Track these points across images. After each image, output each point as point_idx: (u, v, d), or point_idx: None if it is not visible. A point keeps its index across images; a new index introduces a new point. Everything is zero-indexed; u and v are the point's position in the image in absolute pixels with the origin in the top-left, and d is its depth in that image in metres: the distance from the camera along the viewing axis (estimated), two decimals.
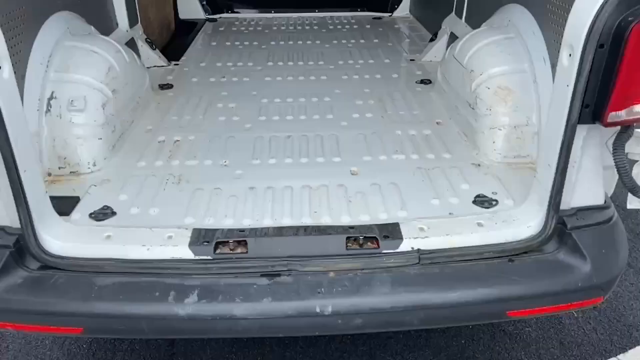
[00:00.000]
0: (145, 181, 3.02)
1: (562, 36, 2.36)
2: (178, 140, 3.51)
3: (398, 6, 6.82)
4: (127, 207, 2.77)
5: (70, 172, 3.04)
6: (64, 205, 2.66)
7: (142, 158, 3.28)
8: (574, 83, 2.23)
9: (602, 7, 2.13)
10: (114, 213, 2.70)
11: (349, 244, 2.47)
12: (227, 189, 2.94)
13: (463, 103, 3.54)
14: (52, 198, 2.51)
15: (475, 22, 4.32)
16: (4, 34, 2.24)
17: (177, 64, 5.04)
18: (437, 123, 3.77)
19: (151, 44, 4.88)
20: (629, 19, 2.09)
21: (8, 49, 2.25)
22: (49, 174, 3.01)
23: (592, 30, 2.14)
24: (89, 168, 3.06)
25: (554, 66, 2.67)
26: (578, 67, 2.20)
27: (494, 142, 3.19)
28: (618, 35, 2.10)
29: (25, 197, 2.24)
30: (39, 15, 3.07)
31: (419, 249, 2.44)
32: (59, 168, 3.02)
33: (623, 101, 2.21)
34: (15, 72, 2.28)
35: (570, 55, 2.26)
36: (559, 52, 2.36)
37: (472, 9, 4.55)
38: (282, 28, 6.39)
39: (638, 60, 2.12)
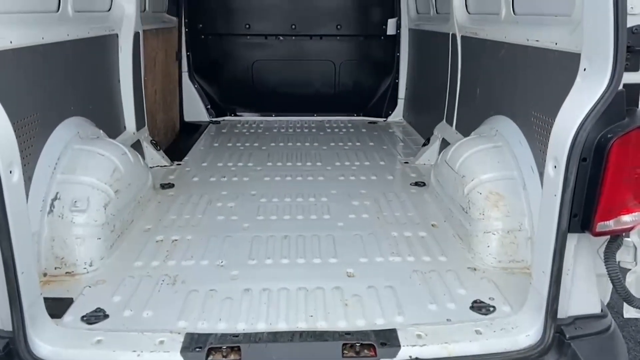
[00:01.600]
0: (140, 282, 3.00)
1: (547, 147, 2.50)
2: (176, 240, 3.54)
3: (392, 112, 7.20)
4: (121, 309, 2.74)
5: (66, 273, 3.03)
6: (57, 307, 2.63)
7: (138, 258, 3.29)
8: (561, 193, 2.32)
9: (582, 123, 2.28)
10: (106, 316, 2.66)
11: (345, 351, 2.41)
12: (222, 290, 2.92)
13: (457, 207, 3.64)
14: (46, 299, 2.49)
15: (464, 129, 4.57)
16: (17, 138, 2.36)
17: (180, 164, 5.21)
18: (432, 225, 3.83)
19: (156, 145, 5.09)
20: (609, 135, 2.23)
21: (20, 152, 2.35)
22: (45, 274, 3.00)
23: (574, 145, 2.27)
24: (85, 268, 3.06)
25: (541, 174, 2.80)
26: (564, 179, 2.31)
27: (488, 246, 3.24)
28: (599, 150, 2.23)
29: (20, 300, 2.22)
30: (51, 121, 3.24)
31: (417, 358, 2.38)
32: (55, 268, 3.02)
33: (610, 211, 2.28)
34: (23, 174, 2.37)
35: (555, 167, 2.37)
36: (544, 161, 2.48)
37: (461, 118, 4.82)
38: (282, 130, 6.68)
39: (620, 173, 2.23)
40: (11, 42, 2.85)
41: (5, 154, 2.23)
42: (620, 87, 2.28)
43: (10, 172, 2.25)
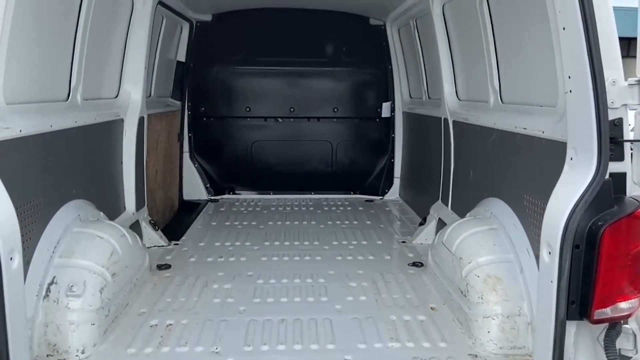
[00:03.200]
0: None
1: (541, 230, 2.54)
2: (170, 325, 3.48)
3: (389, 190, 7.32)
4: None
5: None
6: None
7: (132, 344, 3.21)
8: (557, 280, 2.34)
9: (572, 211, 2.35)
10: None
11: None
12: None
13: (455, 289, 3.62)
14: None
15: (460, 210, 4.64)
16: (20, 222, 2.40)
17: (177, 244, 5.22)
18: (432, 308, 3.79)
19: (154, 225, 5.12)
20: (599, 223, 2.30)
21: (21, 236, 2.38)
22: None
23: (566, 232, 2.33)
24: (77, 356, 2.99)
25: (537, 257, 2.82)
26: (559, 265, 2.34)
27: (488, 332, 3.19)
28: (591, 238, 2.28)
29: None
30: (53, 204, 3.30)
31: None
32: (47, 355, 2.95)
33: (607, 298, 2.29)
34: (22, 258, 2.38)
35: (550, 253, 2.41)
36: (540, 244, 2.52)
37: (456, 199, 4.91)
38: (280, 209, 6.75)
39: (614, 260, 2.27)
40: (20, 131, 2.97)
41: (7, 240, 2.26)
42: (607, 176, 2.37)
43: (11, 258, 2.27)
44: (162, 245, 5.10)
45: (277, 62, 7.08)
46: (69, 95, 3.80)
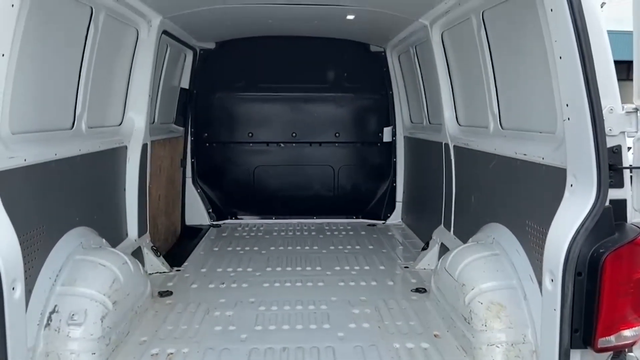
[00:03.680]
0: None
1: (543, 256, 2.54)
2: (171, 354, 3.45)
3: (391, 214, 7.32)
4: None
5: None
6: None
7: None
8: (560, 308, 2.33)
9: (573, 238, 2.35)
10: None
11: None
12: None
13: (458, 316, 3.59)
14: None
15: (462, 235, 4.63)
16: (22, 251, 2.41)
17: (179, 270, 5.20)
18: (435, 335, 3.75)
19: (156, 251, 5.12)
20: (601, 250, 2.29)
21: (24, 265, 2.39)
22: None
23: (568, 259, 2.32)
24: None
25: (540, 283, 2.81)
26: (561, 293, 2.33)
27: None
28: (593, 265, 2.27)
29: None
30: (56, 232, 3.31)
31: None
32: None
33: (610, 326, 2.28)
34: (24, 287, 2.38)
35: (552, 280, 2.40)
36: (542, 270, 2.51)
37: (459, 223, 4.91)
38: (282, 233, 6.74)
39: (616, 287, 2.26)
40: (25, 160, 3.00)
41: (9, 270, 2.27)
42: (607, 203, 2.37)
43: (13, 288, 2.27)
44: (164, 272, 5.08)
45: (279, 88, 7.17)
46: (73, 123, 3.85)
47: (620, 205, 2.44)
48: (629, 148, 2.53)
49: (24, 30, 2.90)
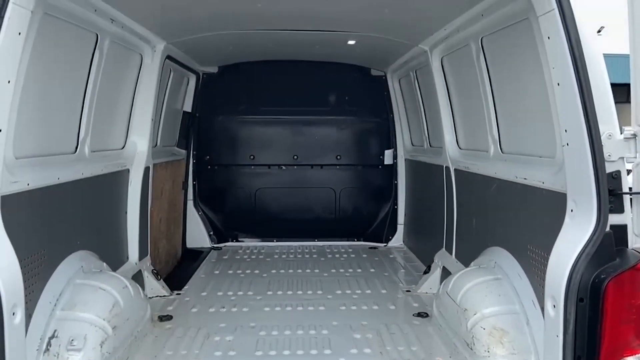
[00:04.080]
0: None
1: (545, 281, 2.52)
2: None
3: (392, 237, 7.30)
4: None
5: None
6: None
7: None
8: (563, 334, 2.31)
9: (575, 264, 2.35)
10: None
11: None
12: None
13: (461, 342, 3.55)
14: None
15: (464, 258, 4.61)
16: (23, 275, 2.41)
17: (179, 293, 5.17)
18: None
19: (157, 274, 5.10)
20: (602, 276, 2.29)
21: (24, 289, 2.38)
22: None
23: (569, 285, 2.32)
24: None
25: (543, 308, 2.79)
26: (564, 319, 2.31)
27: None
28: (595, 291, 2.26)
29: None
30: (57, 256, 3.31)
31: None
32: None
33: (613, 353, 2.26)
34: (25, 312, 2.37)
35: (554, 306, 2.39)
36: (544, 295, 2.49)
37: (460, 247, 4.89)
38: (283, 256, 6.71)
39: (619, 314, 2.24)
40: (28, 184, 3.02)
41: (10, 295, 2.27)
42: (608, 228, 2.38)
43: (14, 314, 2.27)
44: (164, 295, 5.05)
45: (281, 111, 7.23)
46: (77, 147, 3.88)
47: (620, 231, 2.44)
48: (629, 171, 2.54)
49: (30, 57, 2.95)
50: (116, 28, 4.06)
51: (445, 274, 4.90)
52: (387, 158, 7.33)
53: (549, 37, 2.69)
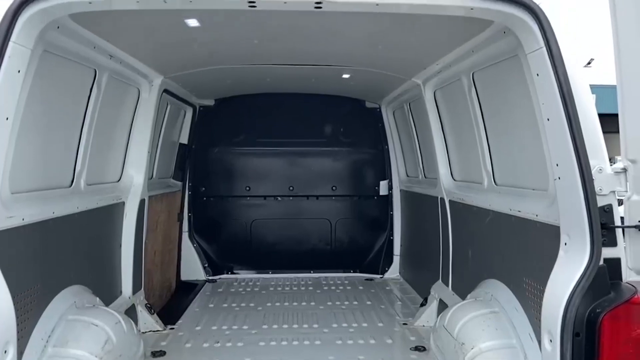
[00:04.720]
0: None
1: (541, 314, 2.51)
2: None
3: (388, 268, 7.26)
4: None
5: None
6: None
7: None
8: None
9: (570, 298, 2.35)
10: None
11: None
12: None
13: None
14: None
15: (461, 290, 4.59)
16: (16, 312, 2.38)
17: (173, 328, 5.10)
18: None
19: (150, 308, 5.03)
20: (597, 310, 2.29)
21: (17, 325, 2.35)
22: None
23: (565, 320, 2.31)
24: None
25: (540, 343, 2.77)
26: (560, 354, 2.30)
27: None
28: (590, 325, 2.26)
29: None
30: (50, 291, 3.27)
31: None
32: None
33: None
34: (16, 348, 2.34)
35: (551, 341, 2.38)
36: (541, 329, 2.48)
37: (457, 279, 4.87)
38: (279, 289, 6.65)
39: (615, 348, 2.23)
40: (23, 219, 3.02)
41: (1, 334, 2.24)
42: (601, 262, 2.39)
43: (5, 352, 2.23)
44: (158, 330, 4.97)
45: (276, 143, 7.29)
46: (72, 181, 3.89)
47: (614, 264, 2.45)
48: (620, 201, 2.57)
49: (28, 94, 2.98)
50: (114, 64, 4.13)
51: (442, 306, 4.87)
52: (383, 189, 7.36)
53: (537, 74, 2.76)
